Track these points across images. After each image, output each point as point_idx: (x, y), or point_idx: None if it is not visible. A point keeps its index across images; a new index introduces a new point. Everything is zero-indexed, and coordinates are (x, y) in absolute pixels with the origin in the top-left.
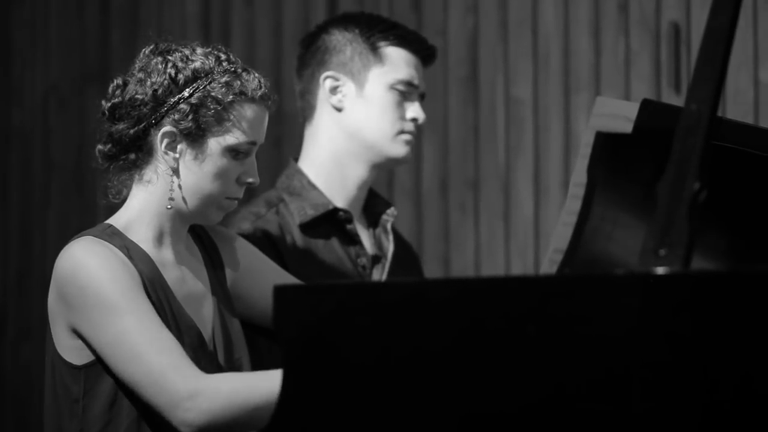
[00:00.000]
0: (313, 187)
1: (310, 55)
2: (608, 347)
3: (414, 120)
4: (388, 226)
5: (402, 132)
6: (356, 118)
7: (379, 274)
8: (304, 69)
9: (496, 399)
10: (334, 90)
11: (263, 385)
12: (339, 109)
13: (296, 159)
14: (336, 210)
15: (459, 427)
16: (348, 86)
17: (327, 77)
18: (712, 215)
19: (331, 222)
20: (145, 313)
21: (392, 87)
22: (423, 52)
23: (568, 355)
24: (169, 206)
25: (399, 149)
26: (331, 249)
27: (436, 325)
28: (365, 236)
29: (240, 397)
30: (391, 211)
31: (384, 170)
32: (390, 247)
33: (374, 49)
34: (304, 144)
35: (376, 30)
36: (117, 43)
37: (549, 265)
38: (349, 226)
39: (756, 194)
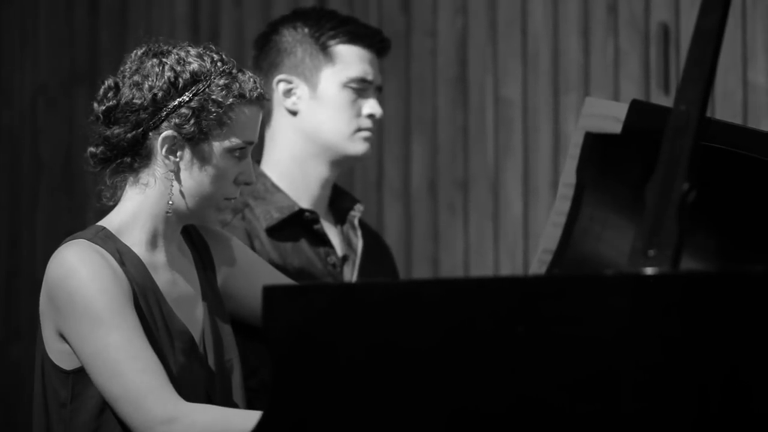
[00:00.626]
0: (277, 189)
1: (263, 57)
2: (597, 348)
3: (371, 116)
4: (356, 222)
5: (359, 129)
6: (312, 120)
7: (350, 271)
8: (257, 73)
9: (484, 399)
10: (287, 93)
11: (238, 420)
12: (294, 113)
13: (258, 161)
14: (302, 211)
15: (448, 427)
16: (301, 88)
17: (280, 81)
18: (701, 216)
19: (298, 223)
20: (131, 329)
21: (345, 85)
22: (376, 45)
23: (558, 355)
24: (168, 211)
25: (357, 147)
26: (299, 251)
27: (425, 325)
28: (333, 234)
29: (216, 431)
30: (358, 206)
31: (346, 167)
32: (359, 243)
33: (324, 49)
34: (264, 147)
35: (326, 28)
36: (106, 44)
37: (538, 266)
38: (316, 226)
39: (745, 195)
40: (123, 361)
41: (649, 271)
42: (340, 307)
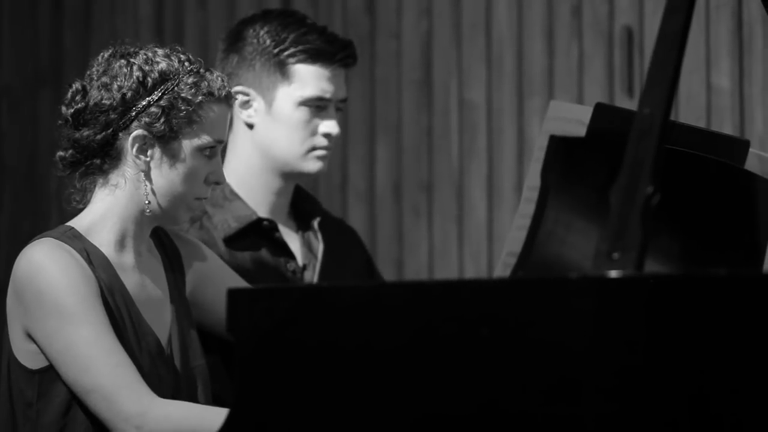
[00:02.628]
0: (236, 196)
1: (226, 60)
2: (562, 350)
3: (327, 135)
4: (315, 225)
5: (314, 149)
6: (266, 136)
7: (311, 277)
8: (222, 72)
9: (449, 402)
10: (244, 105)
11: (212, 417)
12: (250, 125)
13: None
14: (260, 220)
15: (412, 430)
16: (258, 102)
17: (238, 92)
18: (665, 218)
19: (257, 232)
20: (101, 324)
21: (300, 105)
22: (338, 62)
23: (522, 358)
24: (148, 211)
25: (311, 165)
26: (259, 260)
27: (390, 327)
28: (294, 241)
29: (188, 426)
30: (317, 220)
31: (303, 180)
32: (320, 247)
33: (281, 67)
34: (226, 153)
35: (286, 43)
36: (70, 46)
37: (503, 269)
38: (275, 235)
39: (708, 197)
40: (95, 356)
41: (614, 273)
42: (305, 309)
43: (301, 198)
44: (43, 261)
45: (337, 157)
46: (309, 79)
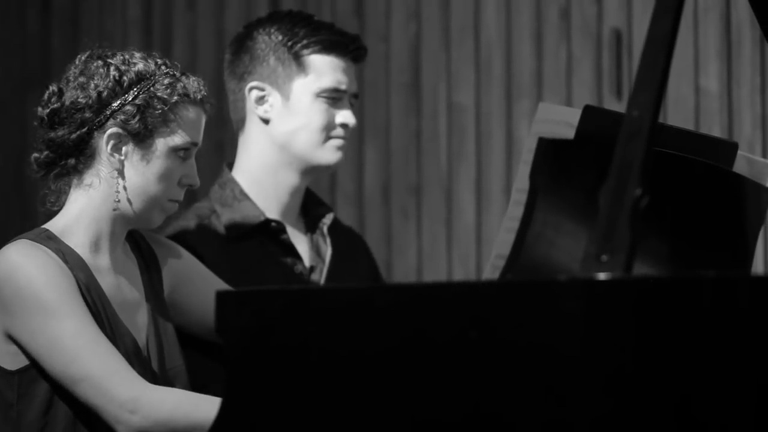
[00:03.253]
0: (246, 196)
1: (237, 62)
2: (551, 352)
3: (344, 125)
4: (325, 230)
5: (330, 138)
6: (284, 129)
7: (318, 280)
8: (231, 77)
9: (438, 404)
10: (260, 100)
11: (206, 406)
12: (266, 120)
13: (231, 164)
14: (268, 221)
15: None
16: (274, 96)
17: (252, 88)
18: (654, 221)
19: (264, 233)
20: (84, 316)
21: (318, 96)
22: (350, 54)
23: (511, 361)
24: (115, 208)
25: (330, 156)
26: (265, 260)
27: (379, 330)
28: (302, 243)
29: (182, 411)
30: (329, 216)
31: (318, 175)
32: (328, 251)
33: (297, 58)
34: (237, 153)
35: (299, 36)
36: (58, 48)
37: (491, 271)
38: (283, 236)
39: (696, 200)
40: (82, 346)
41: (602, 276)
42: (293, 312)
43: (313, 201)
44: (20, 260)
45: None
46: (326, 69)
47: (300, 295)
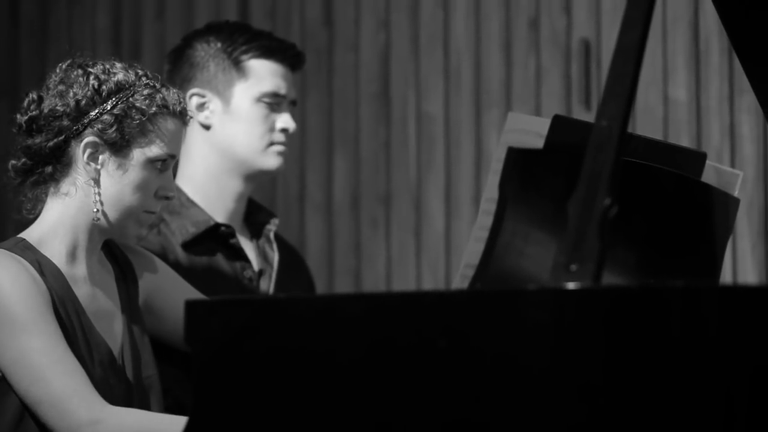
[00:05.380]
0: (192, 203)
1: (176, 71)
2: (519, 362)
3: (284, 130)
4: (271, 236)
5: (272, 144)
6: (225, 134)
7: (267, 284)
8: (171, 87)
9: (408, 413)
10: (200, 107)
11: (168, 426)
12: (207, 127)
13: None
14: (218, 225)
15: None
16: (214, 102)
17: (193, 95)
18: (623, 230)
19: (213, 238)
20: (53, 334)
21: (258, 100)
22: (289, 59)
23: (480, 370)
24: (96, 219)
25: (271, 161)
26: (216, 265)
27: (347, 339)
28: (249, 248)
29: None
30: (274, 221)
31: (260, 181)
32: (275, 256)
33: (237, 64)
34: (179, 161)
35: (238, 43)
36: (27, 57)
37: (460, 280)
38: (232, 240)
39: (665, 209)
40: (46, 366)
41: (571, 285)
42: (262, 321)
43: (255, 208)
44: None
45: (294, 168)
46: (265, 74)
47: (269, 304)
